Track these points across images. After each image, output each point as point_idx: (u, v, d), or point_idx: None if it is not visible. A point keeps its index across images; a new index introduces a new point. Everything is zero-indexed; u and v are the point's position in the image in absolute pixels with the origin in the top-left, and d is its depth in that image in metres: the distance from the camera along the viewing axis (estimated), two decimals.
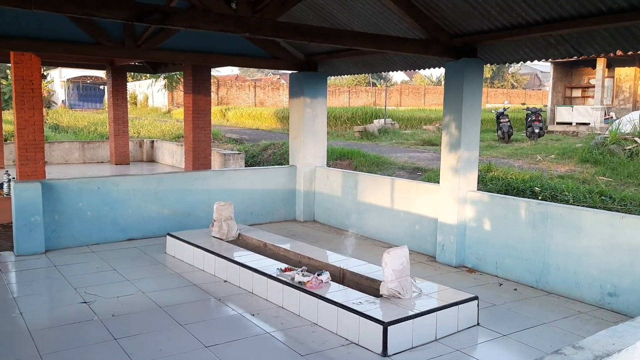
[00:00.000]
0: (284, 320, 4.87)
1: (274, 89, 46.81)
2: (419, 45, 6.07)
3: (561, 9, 5.34)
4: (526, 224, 5.93)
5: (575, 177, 11.04)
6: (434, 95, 52.20)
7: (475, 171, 6.73)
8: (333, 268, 5.55)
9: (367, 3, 6.66)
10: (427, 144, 18.71)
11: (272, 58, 8.77)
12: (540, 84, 69.11)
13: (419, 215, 7.27)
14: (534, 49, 6.26)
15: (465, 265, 6.62)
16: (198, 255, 6.47)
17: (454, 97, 6.53)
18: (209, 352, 4.19)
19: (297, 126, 9.15)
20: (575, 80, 27.21)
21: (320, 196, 9.06)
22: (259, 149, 17.23)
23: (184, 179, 8.37)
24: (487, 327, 4.76)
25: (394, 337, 4.20)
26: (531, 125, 19.89)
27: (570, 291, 5.52)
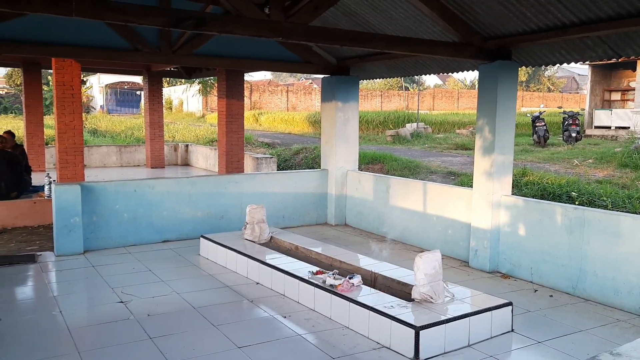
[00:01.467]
0: (315, 322, 4.89)
1: (306, 94, 47.03)
2: (452, 48, 6.03)
3: (599, 9, 5.24)
4: (562, 229, 5.82)
5: (614, 182, 10.77)
6: (468, 99, 51.61)
7: (509, 175, 6.63)
8: (364, 272, 5.54)
9: (400, 7, 6.65)
10: (460, 148, 18.52)
11: (305, 62, 8.83)
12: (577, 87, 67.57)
13: (452, 220, 7.20)
14: (570, 51, 6.14)
15: (499, 270, 6.52)
16: (231, 258, 6.55)
17: (488, 101, 6.46)
18: (241, 353, 4.23)
19: (328, 130, 9.18)
20: (615, 83, 26.54)
21: (351, 200, 9.06)
22: (291, 153, 17.34)
23: (216, 182, 8.49)
24: (521, 334, 4.68)
25: (426, 342, 4.18)
26: (568, 129, 19.49)
27: (608, 298, 5.39)
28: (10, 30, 6.84)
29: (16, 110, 42.10)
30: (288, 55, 8.74)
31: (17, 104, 44.49)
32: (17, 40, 6.94)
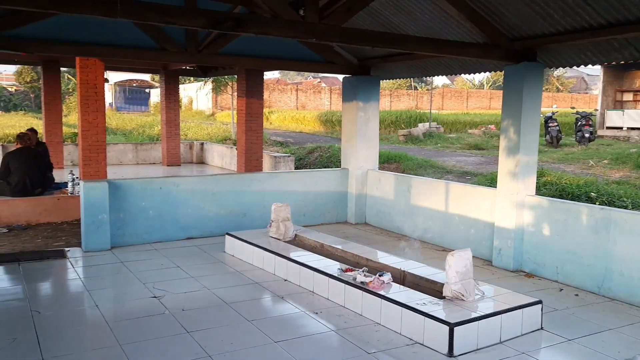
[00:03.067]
0: (347, 319, 4.98)
1: (315, 92, 47.16)
2: (480, 50, 6.11)
3: (628, 12, 5.30)
4: (588, 229, 5.88)
5: (631, 183, 10.80)
6: (477, 99, 51.58)
7: (533, 176, 6.70)
8: (393, 269, 5.63)
9: (426, 8, 6.72)
10: (473, 148, 18.57)
11: (327, 62, 8.92)
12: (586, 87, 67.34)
13: (475, 219, 7.28)
14: (596, 53, 6.20)
15: (523, 270, 6.59)
16: (257, 255, 6.65)
17: (514, 101, 6.53)
18: (278, 347, 4.33)
19: (349, 129, 9.27)
20: (627, 83, 26.47)
21: (371, 199, 9.15)
22: (305, 152, 17.44)
23: (240, 180, 8.60)
24: (551, 332, 4.76)
25: (460, 338, 4.26)
26: (581, 130, 19.51)
27: (634, 298, 5.45)
28: (41, 30, 6.96)
29: (26, 108, 42.45)
30: (310, 55, 8.83)
31: (27, 101, 44.86)
32: (49, 39, 7.06)
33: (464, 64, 7.70)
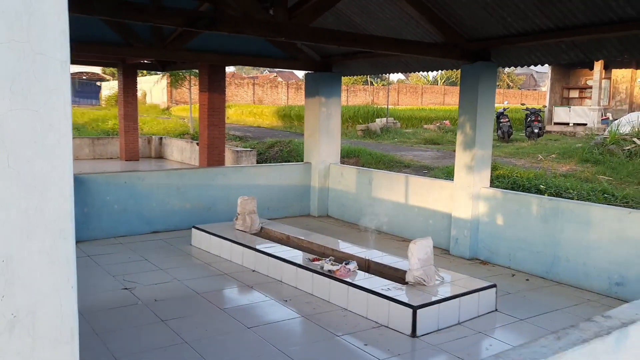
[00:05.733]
0: (315, 305, 5.22)
1: (273, 87, 47.10)
2: (440, 50, 6.44)
3: (574, 17, 5.72)
4: (538, 218, 6.31)
5: (577, 176, 11.46)
6: (431, 95, 52.68)
7: (488, 169, 7.10)
8: (358, 258, 5.90)
9: (387, 8, 7.01)
10: (429, 142, 19.11)
11: (290, 59, 9.12)
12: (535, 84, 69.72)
13: (433, 211, 7.64)
14: (545, 54, 6.63)
15: (478, 257, 6.99)
16: (225, 247, 6.81)
17: (469, 99, 6.90)
18: (251, 333, 4.54)
19: (312, 125, 9.50)
20: (573, 81, 27.69)
21: (334, 192, 9.42)
22: (265, 146, 17.57)
23: (205, 174, 8.71)
24: (504, 313, 5.14)
25: (422, 320, 4.57)
26: (530, 126, 20.33)
27: (579, 281, 5.91)
28: None
29: None
30: (274, 51, 9.01)
31: None
32: None
33: (423, 62, 8.04)
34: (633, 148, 13.49)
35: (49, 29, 1.00)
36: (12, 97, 0.97)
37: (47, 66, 0.99)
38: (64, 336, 1.09)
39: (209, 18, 4.59)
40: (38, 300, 1.05)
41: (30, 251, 1.03)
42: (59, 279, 1.07)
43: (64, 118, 1.02)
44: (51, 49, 1.00)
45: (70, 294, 1.10)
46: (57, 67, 1.00)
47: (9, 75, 0.96)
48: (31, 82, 0.98)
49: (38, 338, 1.05)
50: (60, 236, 1.06)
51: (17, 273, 1.01)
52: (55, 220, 1.05)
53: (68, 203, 1.07)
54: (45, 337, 1.06)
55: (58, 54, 1.01)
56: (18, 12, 0.95)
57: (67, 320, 1.09)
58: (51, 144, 1.02)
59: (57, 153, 1.03)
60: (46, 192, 1.03)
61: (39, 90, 0.99)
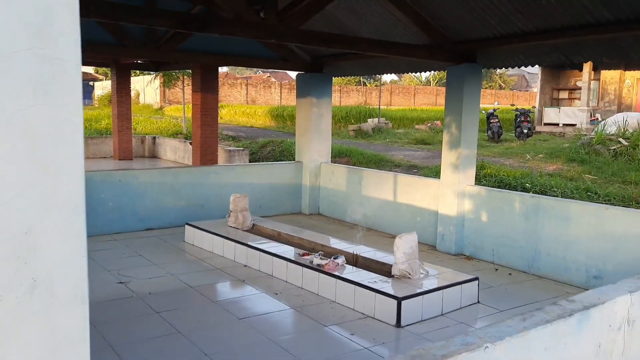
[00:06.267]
0: (304, 298, 5.41)
1: (266, 87, 47.23)
2: (426, 51, 6.64)
3: (554, 20, 5.94)
4: (520, 215, 6.53)
5: (562, 175, 11.70)
6: (424, 95, 52.98)
7: (473, 167, 7.31)
8: (346, 253, 6.10)
9: (376, 11, 7.21)
10: (420, 142, 19.33)
11: (282, 60, 9.30)
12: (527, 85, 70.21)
13: (420, 208, 7.85)
14: (528, 56, 6.85)
15: (464, 253, 7.20)
16: (218, 243, 6.99)
17: (455, 99, 7.11)
18: (243, 323, 4.72)
19: (303, 124, 9.68)
20: (563, 82, 28.01)
21: (325, 190, 9.61)
22: (258, 146, 17.74)
23: (198, 173, 8.88)
24: (486, 305, 5.35)
25: (407, 311, 4.77)
26: (520, 126, 20.58)
27: (559, 275, 6.13)
28: None
29: None
30: (266, 53, 9.19)
31: None
32: None
33: (411, 63, 8.24)
34: (618, 148, 13.77)
35: (64, 38, 1.18)
36: (34, 95, 1.15)
37: (63, 69, 1.17)
38: (77, 298, 1.26)
39: (201, 20, 4.77)
40: (55, 267, 1.22)
41: (48, 225, 1.21)
42: (73, 249, 1.25)
43: (77, 112, 1.20)
44: (66, 54, 1.18)
45: (82, 262, 1.28)
46: (71, 69, 1.18)
47: (32, 76, 1.14)
48: (50, 82, 1.16)
49: (55, 299, 1.23)
50: (73, 212, 1.24)
51: (37, 243, 1.19)
52: (69, 199, 1.23)
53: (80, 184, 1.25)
54: (60, 298, 1.24)
55: (72, 59, 1.19)
56: (39, 24, 1.13)
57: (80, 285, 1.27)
58: (66, 134, 1.20)
59: (71, 142, 1.21)
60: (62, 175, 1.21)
61: (57, 88, 1.17)
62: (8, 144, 1.12)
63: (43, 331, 1.21)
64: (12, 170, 1.13)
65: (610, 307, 2.78)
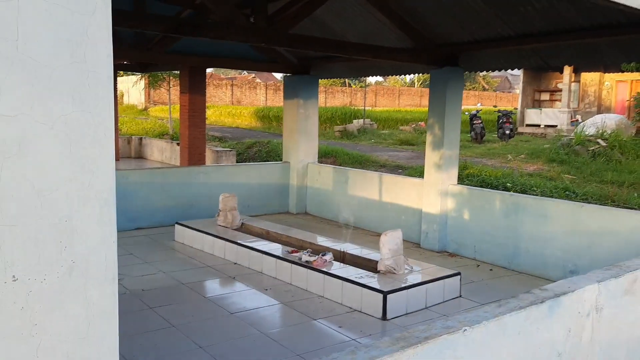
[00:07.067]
0: (294, 293, 5.61)
1: (251, 88, 47.31)
2: (410, 55, 6.88)
3: (532, 26, 6.21)
4: (500, 213, 6.79)
5: (543, 175, 12.03)
6: (408, 97, 53.45)
7: (455, 167, 7.56)
8: (334, 250, 6.29)
9: (361, 15, 7.43)
10: (404, 143, 19.62)
11: (269, 62, 9.48)
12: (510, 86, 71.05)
13: (405, 207, 8.08)
14: (508, 59, 7.12)
15: (447, 250, 7.45)
16: (208, 241, 7.15)
17: (438, 101, 7.35)
18: (235, 318, 4.91)
19: (290, 125, 9.87)
20: (544, 84, 28.53)
21: (312, 190, 9.81)
22: (244, 146, 17.88)
23: (187, 173, 9.03)
24: (468, 298, 5.59)
25: (392, 304, 4.99)
26: (502, 127, 20.97)
27: (537, 270, 6.39)
28: None
29: None
30: (254, 55, 9.36)
31: None
32: None
33: (396, 66, 8.48)
34: (597, 149, 14.16)
35: (99, 53, 1.36)
36: (73, 102, 1.33)
37: (97, 80, 1.35)
38: (108, 278, 1.45)
39: (193, 24, 4.94)
40: (90, 251, 1.40)
41: (84, 214, 1.38)
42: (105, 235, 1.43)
43: (109, 117, 1.38)
44: (100, 67, 1.36)
45: (112, 247, 1.46)
46: (105, 80, 1.36)
47: (71, 86, 1.32)
48: (86, 91, 1.34)
49: (89, 279, 1.41)
50: (105, 204, 1.42)
51: (75, 230, 1.37)
52: (102, 192, 1.41)
53: (111, 179, 1.44)
54: (94, 278, 1.42)
55: (105, 71, 1.37)
56: (78, 42, 1.31)
57: (110, 267, 1.45)
58: (100, 136, 1.38)
59: (103, 143, 1.39)
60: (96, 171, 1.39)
61: (92, 97, 1.35)
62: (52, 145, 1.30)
63: (80, 305, 1.39)
64: (55, 167, 1.31)
65: (579, 295, 3.02)
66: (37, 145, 1.28)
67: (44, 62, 1.26)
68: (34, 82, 1.25)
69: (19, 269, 1.29)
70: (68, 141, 1.32)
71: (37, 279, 1.32)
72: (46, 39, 1.26)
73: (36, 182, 1.29)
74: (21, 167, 1.26)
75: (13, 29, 1.21)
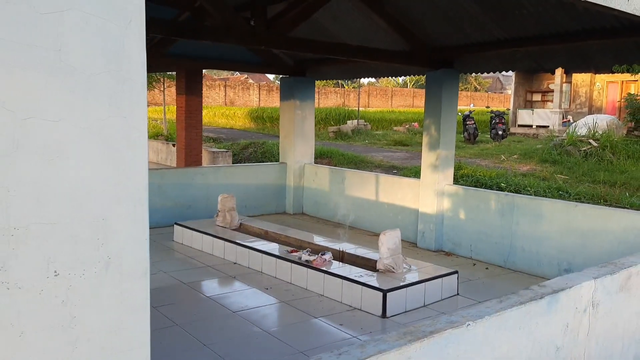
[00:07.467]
0: (294, 293, 5.69)
1: (244, 89, 47.34)
2: (406, 57, 6.98)
3: (526, 30, 6.33)
4: (496, 212, 6.91)
5: (536, 175, 12.19)
6: (401, 97, 53.66)
7: (451, 168, 7.68)
8: (333, 250, 6.38)
9: (358, 19, 7.52)
10: (398, 144, 19.75)
11: (266, 64, 9.56)
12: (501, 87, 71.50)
13: (401, 207, 8.19)
14: (502, 62, 7.23)
15: (443, 249, 7.56)
16: (207, 241, 7.22)
17: (434, 103, 7.46)
18: (238, 317, 4.98)
19: (287, 127, 9.96)
20: (536, 85, 28.77)
21: (308, 191, 9.89)
22: (239, 147, 17.94)
23: (185, 174, 9.09)
24: (465, 296, 5.70)
25: (391, 302, 5.08)
26: (495, 128, 21.16)
27: (532, 269, 6.52)
28: None
29: None
30: (250, 57, 9.44)
31: None
32: None
33: (391, 67, 8.59)
34: (588, 149, 14.34)
35: (133, 61, 1.44)
36: (109, 108, 1.41)
37: (132, 87, 1.43)
38: (140, 273, 1.53)
39: (193, 29, 5.02)
40: (124, 247, 1.48)
41: (119, 213, 1.47)
42: (138, 233, 1.51)
43: (142, 121, 1.47)
44: (135, 74, 1.44)
45: (145, 244, 1.55)
46: (139, 86, 1.44)
47: (108, 93, 1.40)
48: (122, 97, 1.42)
49: (124, 273, 1.49)
50: (138, 203, 1.50)
51: (111, 228, 1.45)
52: (136, 192, 1.49)
53: (144, 180, 1.52)
54: (128, 273, 1.50)
55: (139, 78, 1.45)
56: (115, 51, 1.39)
57: (142, 262, 1.54)
58: (134, 140, 1.46)
59: (137, 146, 1.47)
60: (130, 172, 1.47)
61: (127, 102, 1.43)
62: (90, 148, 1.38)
63: (115, 299, 1.47)
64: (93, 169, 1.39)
65: (576, 291, 3.12)
66: (76, 148, 1.36)
67: (83, 70, 1.34)
68: (75, 89, 1.33)
69: (60, 264, 1.37)
70: (105, 144, 1.40)
71: (77, 274, 1.40)
72: (86, 48, 1.34)
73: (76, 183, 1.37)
74: (62, 169, 1.34)
75: (56, 40, 1.29)
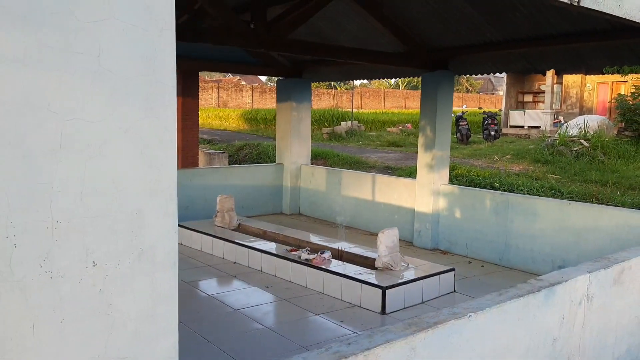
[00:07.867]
0: (294, 291, 5.79)
1: (237, 90, 47.34)
2: (402, 59, 7.11)
3: (520, 31, 6.48)
4: (491, 211, 7.04)
5: (528, 175, 12.36)
6: (394, 99, 53.87)
7: (447, 168, 7.81)
8: (331, 249, 6.49)
9: (354, 20, 7.65)
10: (392, 145, 19.90)
11: (262, 65, 9.66)
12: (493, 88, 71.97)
13: (398, 206, 8.31)
14: (497, 63, 7.38)
15: (439, 248, 7.69)
16: (206, 241, 7.31)
17: (429, 104, 7.59)
18: (239, 313, 5.08)
19: (284, 128, 10.06)
20: (527, 86, 29.05)
21: (305, 191, 10.00)
22: (234, 149, 18.02)
23: (182, 175, 9.15)
24: (462, 293, 5.82)
25: (391, 299, 5.20)
26: (487, 128, 21.37)
27: (527, 266, 6.65)
28: None
29: None
30: (247, 58, 9.54)
31: None
32: None
33: (387, 69, 8.70)
34: (580, 149, 14.54)
35: (166, 66, 1.54)
36: (144, 109, 1.51)
37: (163, 90, 1.53)
38: (170, 264, 1.63)
39: (193, 30, 5.11)
40: (156, 239, 1.58)
41: (151, 207, 1.57)
42: (168, 226, 1.61)
43: (173, 123, 1.57)
44: (166, 78, 1.55)
45: (174, 236, 1.65)
46: (170, 89, 1.55)
47: (143, 96, 1.51)
48: (155, 100, 1.52)
49: (156, 264, 1.59)
50: (169, 198, 1.60)
51: (144, 221, 1.55)
52: (167, 188, 1.59)
53: (174, 177, 1.62)
54: (160, 263, 1.60)
55: (170, 81, 1.56)
56: (149, 56, 1.50)
57: (172, 253, 1.64)
58: (165, 139, 1.57)
59: (168, 144, 1.58)
60: (162, 169, 1.57)
61: (159, 104, 1.53)
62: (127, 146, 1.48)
63: (147, 288, 1.57)
64: (129, 166, 1.50)
65: (572, 284, 3.25)
66: (114, 147, 1.46)
67: (120, 74, 1.44)
68: (113, 92, 1.43)
69: (98, 255, 1.47)
70: (140, 143, 1.51)
71: (113, 264, 1.50)
72: (123, 54, 1.44)
73: (113, 179, 1.47)
74: (102, 166, 1.44)
75: (96, 46, 1.39)
